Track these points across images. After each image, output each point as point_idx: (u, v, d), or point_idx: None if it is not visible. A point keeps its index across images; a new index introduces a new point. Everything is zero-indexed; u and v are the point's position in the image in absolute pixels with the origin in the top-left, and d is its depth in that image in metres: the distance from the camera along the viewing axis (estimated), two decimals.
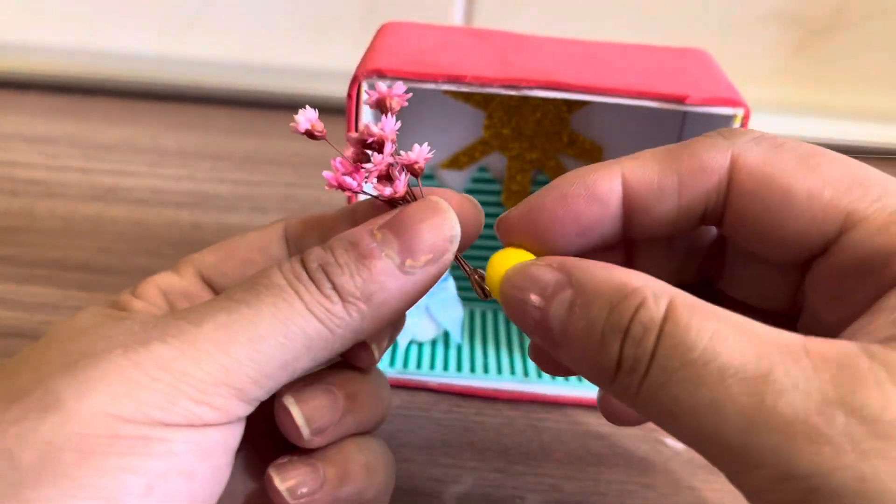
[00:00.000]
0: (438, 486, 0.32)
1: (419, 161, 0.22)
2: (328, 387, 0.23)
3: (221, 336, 0.19)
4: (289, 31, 0.64)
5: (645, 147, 0.43)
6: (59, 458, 0.17)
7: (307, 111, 0.22)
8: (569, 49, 0.34)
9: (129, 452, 0.18)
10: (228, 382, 0.19)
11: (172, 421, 0.18)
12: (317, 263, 0.20)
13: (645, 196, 0.21)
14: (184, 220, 0.48)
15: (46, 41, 0.65)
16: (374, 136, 0.22)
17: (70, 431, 0.17)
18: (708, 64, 0.34)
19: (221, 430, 0.19)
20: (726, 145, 0.21)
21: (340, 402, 0.23)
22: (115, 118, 0.60)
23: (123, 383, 0.18)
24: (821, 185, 0.20)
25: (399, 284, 0.21)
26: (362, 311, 0.20)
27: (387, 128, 0.22)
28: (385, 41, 0.34)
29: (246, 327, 0.19)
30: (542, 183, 0.39)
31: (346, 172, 0.22)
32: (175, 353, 0.18)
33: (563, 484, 0.32)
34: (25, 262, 0.43)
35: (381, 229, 0.21)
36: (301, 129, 0.22)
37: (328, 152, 0.27)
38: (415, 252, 0.21)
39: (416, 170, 0.22)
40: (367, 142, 0.22)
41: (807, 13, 0.61)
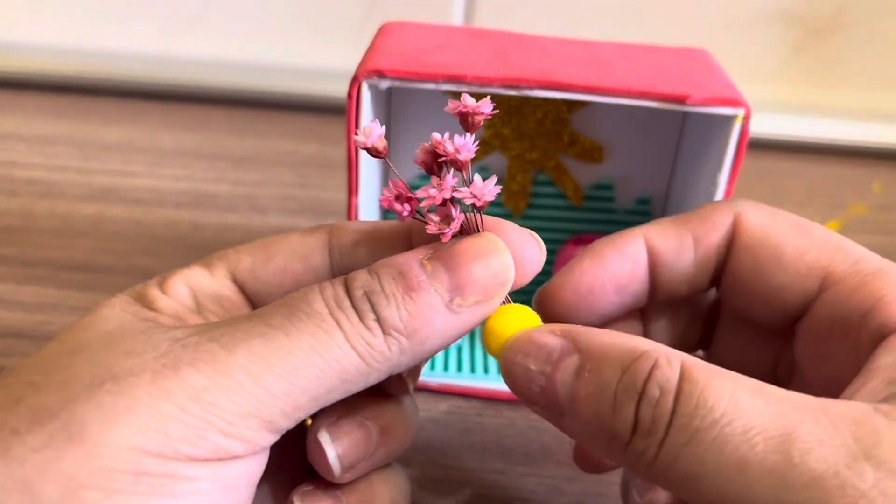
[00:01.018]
0: (438, 486, 0.32)
1: (479, 200, 0.20)
2: (363, 422, 0.22)
3: (256, 367, 0.18)
4: (289, 30, 0.64)
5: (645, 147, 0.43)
6: (82, 495, 0.16)
7: (374, 126, 0.20)
8: (569, 49, 0.34)
9: (154, 492, 0.17)
10: (259, 415, 0.18)
11: (200, 456, 0.17)
12: (362, 291, 0.19)
13: (666, 252, 0.24)
14: (183, 220, 0.48)
15: (45, 41, 0.65)
16: (449, 155, 0.20)
17: (94, 466, 0.16)
18: (709, 64, 0.34)
19: (247, 462, 0.19)
20: (731, 208, 0.24)
21: (374, 438, 0.22)
22: (115, 118, 0.60)
23: (152, 415, 0.17)
24: (807, 246, 0.22)
25: (444, 322, 0.20)
26: (403, 346, 0.19)
27: (463, 150, 0.20)
28: (385, 41, 0.33)
29: (282, 358, 0.18)
30: (542, 183, 0.39)
31: (398, 195, 0.20)
32: (206, 383, 0.17)
33: (564, 485, 0.32)
34: (24, 262, 0.43)
35: (431, 261, 0.20)
36: (363, 145, 0.20)
37: (328, 152, 0.27)
38: (465, 292, 0.20)
39: (478, 206, 0.20)
40: (440, 158, 0.20)
41: (808, 13, 0.61)
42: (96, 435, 0.17)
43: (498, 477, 0.32)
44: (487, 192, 0.20)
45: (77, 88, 0.63)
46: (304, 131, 0.60)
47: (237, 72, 0.63)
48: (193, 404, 0.17)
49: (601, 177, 0.39)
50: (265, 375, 0.18)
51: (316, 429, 0.22)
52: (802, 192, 0.58)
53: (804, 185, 0.59)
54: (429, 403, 0.36)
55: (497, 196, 0.39)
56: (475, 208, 0.20)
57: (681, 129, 0.38)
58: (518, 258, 0.21)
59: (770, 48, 0.63)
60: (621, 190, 0.40)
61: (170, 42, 0.65)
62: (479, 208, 0.20)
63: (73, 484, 0.16)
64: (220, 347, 0.18)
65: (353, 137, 0.21)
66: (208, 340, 0.18)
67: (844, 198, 0.57)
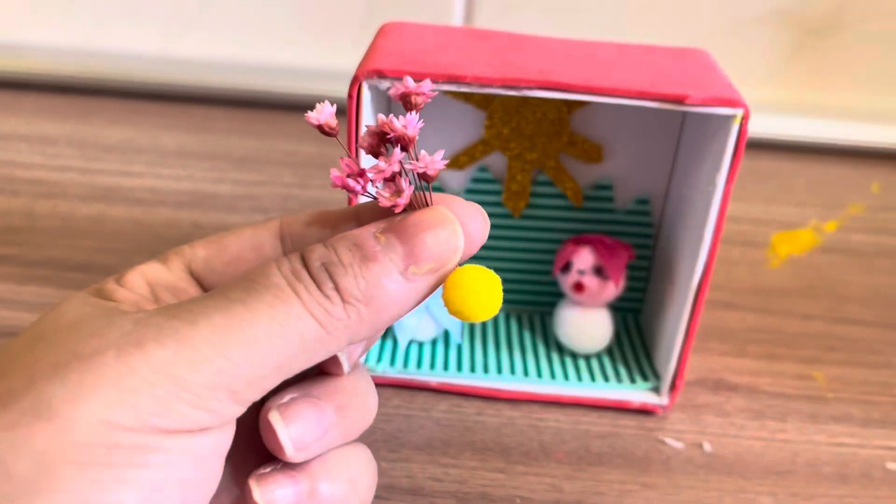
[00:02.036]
0: (439, 485, 0.32)
1: (429, 169, 0.21)
2: (315, 401, 0.22)
3: (218, 338, 0.18)
4: (289, 31, 0.64)
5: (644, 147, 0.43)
6: (56, 470, 0.16)
7: (325, 105, 0.22)
8: (569, 49, 0.34)
9: (127, 464, 0.17)
10: (225, 386, 0.18)
11: (170, 427, 0.18)
12: (320, 262, 0.20)
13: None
14: (184, 220, 0.48)
15: (47, 42, 0.65)
16: (396, 131, 0.21)
17: (66, 441, 0.16)
18: (708, 64, 0.34)
19: (215, 435, 0.19)
20: None
21: (328, 416, 0.22)
22: (116, 118, 0.60)
23: (119, 389, 0.17)
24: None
25: (400, 290, 0.20)
26: (362, 313, 0.20)
27: (410, 126, 0.21)
28: (385, 41, 0.34)
29: (243, 329, 0.19)
30: (541, 183, 0.39)
31: (351, 174, 0.22)
32: (171, 356, 0.18)
33: (564, 483, 0.32)
34: (25, 262, 0.43)
35: (385, 233, 0.21)
36: (315, 122, 0.22)
37: (328, 152, 0.27)
38: (418, 260, 0.20)
39: (427, 177, 0.21)
40: (387, 136, 0.21)
41: (806, 13, 0.61)
42: (66, 411, 0.17)
43: (498, 476, 0.33)
44: (437, 162, 0.21)
45: (78, 89, 0.63)
46: (304, 131, 0.60)
47: (238, 72, 0.63)
48: (160, 377, 0.18)
49: (600, 177, 0.39)
50: (227, 346, 0.18)
51: (267, 409, 0.22)
52: (801, 193, 0.58)
53: (803, 185, 0.59)
54: (429, 403, 0.36)
55: (497, 196, 0.40)
56: (424, 180, 0.21)
57: (680, 130, 0.38)
58: (465, 229, 0.21)
59: (769, 48, 0.63)
60: (620, 190, 0.40)
61: (170, 43, 0.65)
62: (429, 179, 0.21)
63: (47, 460, 0.16)
64: (183, 323, 0.18)
65: (307, 115, 0.22)
66: (171, 318, 0.19)
67: (843, 198, 0.57)
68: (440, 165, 0.21)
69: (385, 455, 0.33)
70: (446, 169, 0.39)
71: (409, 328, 0.38)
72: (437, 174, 0.21)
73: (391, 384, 0.37)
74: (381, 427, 0.35)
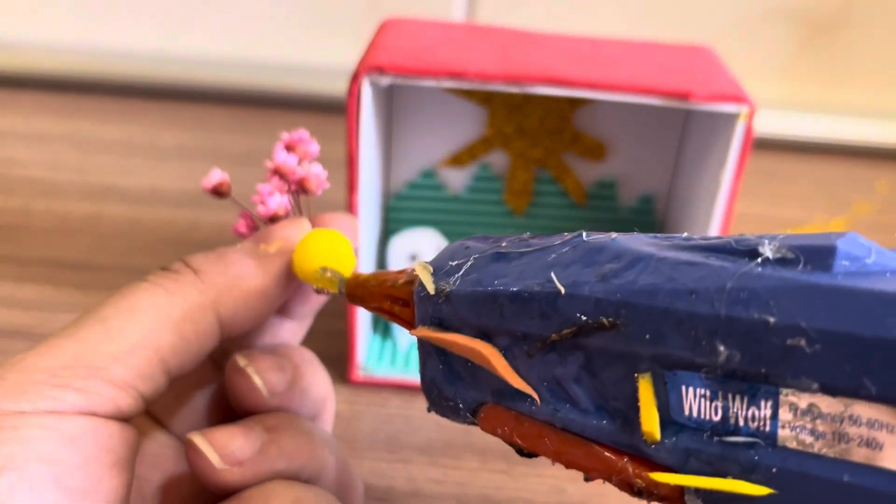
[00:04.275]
0: (439, 487, 0.31)
1: (308, 178, 0.24)
2: (243, 422, 0.22)
3: (70, 330, 0.19)
4: (288, 27, 0.64)
5: (648, 145, 0.42)
6: None
7: (217, 171, 0.25)
8: (572, 45, 0.34)
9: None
10: (85, 363, 0.18)
11: (25, 409, 0.18)
12: (179, 263, 0.22)
13: None
14: (182, 219, 0.48)
15: (43, 39, 0.64)
16: (296, 176, 0.24)
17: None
18: (712, 61, 0.34)
19: (93, 421, 0.18)
20: None
21: (257, 433, 0.21)
22: (113, 116, 0.60)
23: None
24: None
25: (254, 262, 0.22)
26: (214, 278, 0.21)
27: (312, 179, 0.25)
28: (386, 37, 0.33)
29: (92, 314, 0.20)
30: (544, 181, 0.39)
31: (248, 226, 0.25)
32: (23, 356, 0.19)
33: (566, 485, 0.32)
34: (21, 261, 0.43)
35: (244, 242, 0.23)
36: (208, 186, 0.25)
37: (328, 150, 0.27)
38: (269, 240, 0.23)
39: (306, 188, 0.24)
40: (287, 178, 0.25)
41: (813, 10, 0.61)
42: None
43: (500, 477, 0.32)
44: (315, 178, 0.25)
45: (75, 86, 0.63)
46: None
47: (236, 70, 0.63)
48: (10, 372, 0.18)
49: (604, 175, 0.39)
50: (79, 331, 0.19)
51: (190, 435, 0.21)
52: (807, 191, 0.58)
53: (809, 183, 0.59)
54: None
55: (499, 194, 0.39)
56: (304, 193, 0.24)
57: (684, 127, 0.37)
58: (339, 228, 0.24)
59: (775, 46, 0.62)
60: (624, 188, 0.39)
61: (167, 40, 0.64)
62: (309, 193, 0.24)
63: None
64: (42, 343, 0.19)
65: (202, 183, 0.25)
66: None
67: (849, 197, 0.57)
68: (324, 183, 0.24)
69: (385, 456, 0.33)
70: (447, 167, 0.39)
71: None
72: (314, 190, 0.24)
73: (391, 385, 0.36)
74: (381, 428, 0.34)
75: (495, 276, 0.18)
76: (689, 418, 0.15)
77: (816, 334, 0.13)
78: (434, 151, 0.39)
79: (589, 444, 0.17)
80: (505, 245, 0.19)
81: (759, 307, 0.13)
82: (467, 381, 0.19)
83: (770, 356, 0.13)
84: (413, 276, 0.20)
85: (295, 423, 0.22)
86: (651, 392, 0.15)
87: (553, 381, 0.17)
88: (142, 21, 0.64)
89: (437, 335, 0.19)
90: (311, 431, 0.23)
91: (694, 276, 0.15)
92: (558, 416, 0.17)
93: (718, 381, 0.14)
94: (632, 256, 0.16)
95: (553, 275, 0.17)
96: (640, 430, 0.15)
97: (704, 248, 0.15)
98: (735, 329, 0.14)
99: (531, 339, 0.17)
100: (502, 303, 0.17)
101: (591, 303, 0.16)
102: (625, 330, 0.15)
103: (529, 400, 0.17)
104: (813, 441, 0.13)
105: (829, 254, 0.13)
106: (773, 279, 0.14)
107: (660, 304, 0.15)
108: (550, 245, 0.18)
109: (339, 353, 0.36)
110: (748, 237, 0.15)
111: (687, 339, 0.14)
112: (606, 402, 0.16)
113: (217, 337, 0.21)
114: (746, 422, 0.14)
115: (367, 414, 0.35)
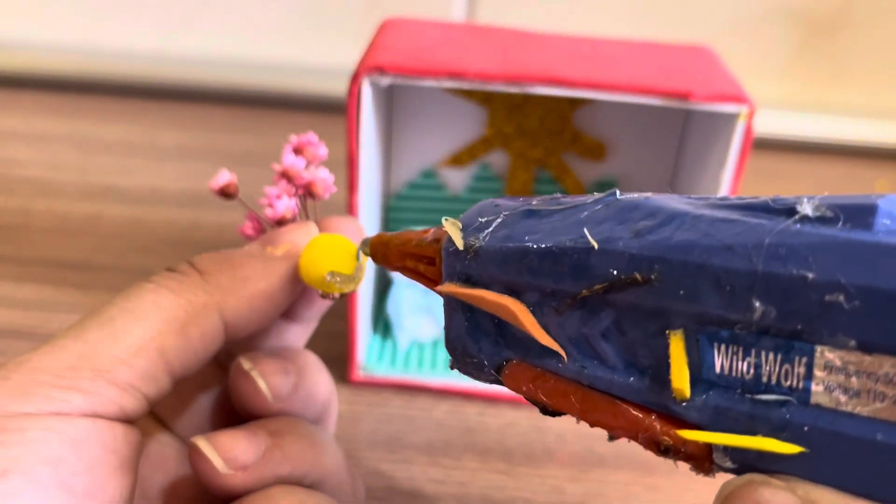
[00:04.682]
0: (440, 487, 0.31)
1: (315, 182, 0.24)
2: (247, 426, 0.22)
3: (75, 331, 0.19)
4: (288, 27, 0.64)
5: (648, 145, 0.42)
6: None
7: (225, 172, 0.24)
8: (572, 45, 0.34)
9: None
10: (90, 365, 0.18)
11: (32, 410, 0.18)
12: (185, 264, 0.21)
13: None
14: (182, 219, 0.48)
15: (43, 38, 0.64)
16: (303, 180, 0.24)
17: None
18: (713, 61, 0.34)
19: (98, 423, 0.18)
20: None
21: (261, 437, 0.21)
22: (113, 116, 0.60)
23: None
24: None
25: (261, 264, 0.22)
26: (220, 280, 0.21)
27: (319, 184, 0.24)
28: (386, 37, 0.33)
29: (97, 315, 0.19)
30: (544, 181, 0.39)
31: (255, 228, 0.25)
32: (28, 357, 0.18)
33: (567, 485, 0.32)
34: (22, 261, 0.43)
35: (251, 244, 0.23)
36: (215, 187, 0.24)
37: (329, 151, 0.27)
38: (275, 243, 0.22)
39: (313, 192, 0.24)
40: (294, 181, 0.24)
41: (813, 10, 0.61)
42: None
43: (500, 477, 0.32)
44: (322, 182, 0.24)
45: (75, 86, 0.63)
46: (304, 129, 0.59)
47: (236, 70, 0.63)
48: (15, 373, 0.18)
49: (604, 175, 0.39)
50: (84, 332, 0.19)
51: (195, 439, 0.21)
52: (807, 191, 0.57)
53: (809, 183, 0.59)
54: (429, 404, 0.36)
55: (499, 194, 0.39)
56: (310, 195, 0.24)
57: (684, 127, 0.37)
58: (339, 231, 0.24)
59: (775, 45, 0.62)
60: (624, 188, 0.39)
61: (168, 39, 0.64)
62: (316, 197, 0.24)
63: None
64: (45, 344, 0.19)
65: (210, 184, 0.24)
66: None
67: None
68: (331, 186, 0.24)
69: (385, 456, 0.33)
70: (448, 167, 0.39)
71: (410, 329, 0.38)
72: (321, 194, 0.24)
73: (391, 385, 0.36)
74: (382, 428, 0.34)
75: (526, 232, 0.18)
76: (721, 376, 0.15)
77: (856, 290, 0.12)
78: (434, 151, 0.39)
79: (615, 402, 0.16)
80: (536, 203, 0.19)
81: (798, 263, 0.13)
82: (493, 337, 0.19)
83: (807, 312, 0.13)
84: (440, 233, 0.20)
85: (299, 427, 0.22)
86: (682, 349, 0.15)
87: (581, 338, 0.17)
88: (142, 21, 0.64)
89: (464, 290, 0.18)
90: (315, 436, 0.23)
91: (731, 233, 0.14)
92: (585, 373, 0.17)
93: (752, 338, 0.14)
94: (667, 214, 0.16)
95: (586, 230, 0.16)
96: (669, 388, 0.15)
97: (741, 207, 0.15)
98: (772, 285, 0.13)
99: (561, 296, 0.17)
100: (533, 259, 0.17)
101: (625, 258, 0.15)
102: (658, 286, 0.15)
103: (556, 357, 0.17)
104: (847, 399, 0.13)
105: (870, 212, 0.13)
106: (812, 235, 0.13)
107: (695, 259, 0.14)
108: (583, 203, 0.17)
109: (339, 354, 0.36)
110: (785, 197, 0.15)
111: (722, 295, 0.14)
112: (636, 359, 0.16)
113: (222, 339, 0.21)
114: (779, 379, 0.14)
115: (367, 414, 0.35)
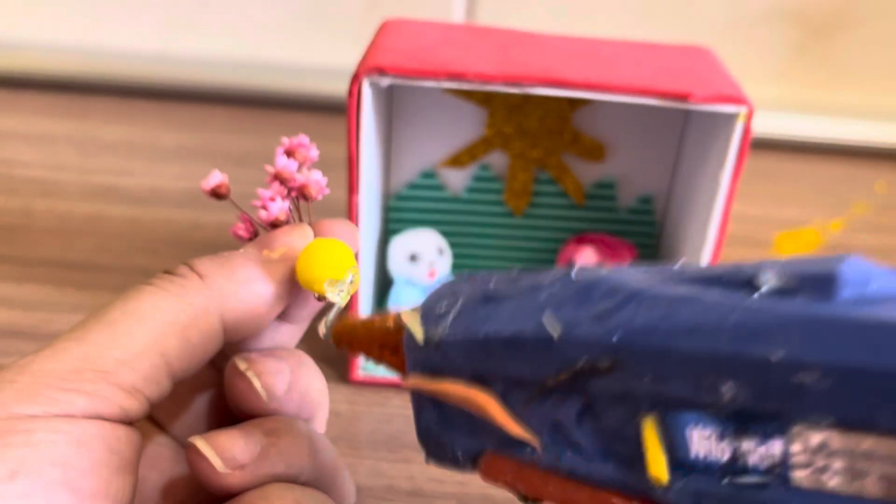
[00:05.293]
0: (440, 486, 0.32)
1: (309, 184, 0.24)
2: (243, 425, 0.22)
3: (77, 333, 0.19)
4: (289, 28, 0.64)
5: (647, 145, 0.42)
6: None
7: (216, 173, 0.25)
8: (571, 46, 0.34)
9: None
10: (93, 367, 0.19)
11: (38, 412, 0.18)
12: (183, 267, 0.21)
13: None
14: (183, 220, 0.48)
15: (44, 39, 0.64)
16: (297, 182, 0.24)
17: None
18: (712, 62, 0.34)
19: (101, 424, 0.18)
20: None
21: (257, 437, 0.21)
22: (114, 117, 0.60)
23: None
24: None
25: (259, 267, 0.22)
26: (219, 283, 0.21)
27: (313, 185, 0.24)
28: (386, 38, 0.33)
29: (98, 318, 0.19)
30: (543, 181, 0.39)
31: (248, 231, 0.25)
32: (31, 359, 0.19)
33: None
34: (23, 261, 0.43)
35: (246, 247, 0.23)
36: (207, 187, 0.24)
37: (328, 151, 0.27)
38: (272, 246, 0.23)
39: (307, 194, 0.24)
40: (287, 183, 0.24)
41: (811, 11, 0.61)
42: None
43: None
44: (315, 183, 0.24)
45: (76, 87, 0.63)
46: (304, 130, 0.59)
47: (237, 70, 0.63)
48: (20, 375, 0.18)
49: (603, 175, 0.39)
50: (87, 334, 0.19)
51: (192, 439, 0.21)
52: (806, 192, 0.58)
53: (807, 184, 0.59)
54: None
55: (499, 194, 0.39)
56: (304, 197, 0.24)
57: (683, 128, 0.38)
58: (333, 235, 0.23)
59: (774, 47, 0.62)
60: (623, 188, 0.39)
61: (168, 40, 0.64)
62: (309, 198, 0.24)
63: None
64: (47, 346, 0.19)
65: (202, 185, 0.24)
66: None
67: (848, 197, 0.57)
68: (323, 188, 0.24)
69: (385, 456, 0.33)
70: (447, 167, 0.39)
71: None
72: (314, 196, 0.24)
73: (392, 385, 0.36)
74: (382, 428, 0.34)
75: (486, 320, 0.17)
76: (697, 459, 0.14)
77: (823, 369, 0.12)
78: (434, 152, 0.39)
79: (595, 491, 0.16)
80: (493, 286, 0.18)
81: (761, 343, 0.13)
82: (464, 429, 0.18)
83: (777, 393, 0.13)
84: (402, 322, 0.19)
85: (294, 426, 0.23)
86: (656, 434, 0.14)
87: (554, 426, 0.16)
88: (142, 21, 0.64)
89: (430, 385, 0.18)
90: (309, 435, 0.23)
91: (691, 313, 0.14)
92: (561, 463, 0.16)
93: (725, 420, 0.14)
94: (625, 293, 0.15)
95: (544, 318, 0.16)
96: (647, 474, 0.15)
97: (700, 280, 0.15)
98: (738, 367, 0.13)
99: (528, 385, 0.16)
100: (495, 349, 0.17)
101: (587, 345, 0.15)
102: (623, 372, 0.14)
103: (530, 447, 0.17)
104: (827, 478, 0.13)
105: (831, 282, 0.13)
106: (773, 313, 0.13)
107: (658, 344, 0.14)
108: (541, 284, 0.17)
109: (339, 353, 0.36)
110: (745, 266, 0.14)
111: (688, 379, 0.14)
112: (611, 446, 0.16)
113: (220, 341, 0.21)
114: (758, 461, 0.13)
115: (367, 413, 0.35)
